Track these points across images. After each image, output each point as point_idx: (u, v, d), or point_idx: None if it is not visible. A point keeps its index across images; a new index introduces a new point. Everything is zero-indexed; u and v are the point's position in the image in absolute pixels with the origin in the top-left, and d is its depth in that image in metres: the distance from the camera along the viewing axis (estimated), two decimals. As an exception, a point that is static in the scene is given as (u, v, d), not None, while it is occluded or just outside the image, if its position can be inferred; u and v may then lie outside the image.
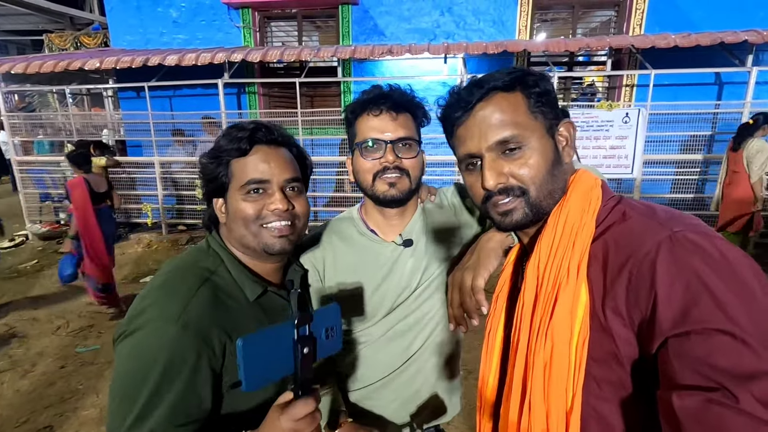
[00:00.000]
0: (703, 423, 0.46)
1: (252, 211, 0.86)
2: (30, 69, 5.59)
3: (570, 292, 0.61)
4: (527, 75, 0.68)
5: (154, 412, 0.73)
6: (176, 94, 6.38)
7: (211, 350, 0.78)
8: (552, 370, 0.61)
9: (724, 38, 4.63)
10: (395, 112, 0.97)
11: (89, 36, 9.41)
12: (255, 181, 0.86)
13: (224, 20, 6.30)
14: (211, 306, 0.81)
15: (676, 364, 0.50)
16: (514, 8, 5.84)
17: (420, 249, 1.05)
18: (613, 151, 5.13)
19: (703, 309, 0.49)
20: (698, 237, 0.54)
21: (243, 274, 0.89)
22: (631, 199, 0.68)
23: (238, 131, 0.88)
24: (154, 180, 6.03)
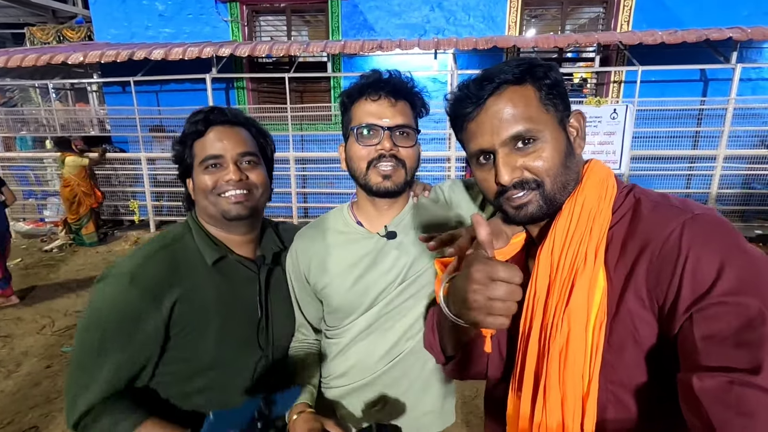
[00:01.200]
0: (725, 404, 0.46)
1: (210, 182, 0.97)
2: (11, 63, 5.46)
3: (587, 277, 0.61)
4: (536, 66, 0.67)
5: (102, 359, 0.88)
6: (163, 89, 6.29)
7: (157, 306, 0.90)
8: (568, 355, 0.61)
9: (709, 35, 4.70)
10: (394, 98, 0.93)
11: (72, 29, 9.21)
12: (210, 157, 0.97)
13: (212, 14, 6.21)
14: (165, 267, 0.93)
15: (699, 342, 0.50)
16: (503, 4, 5.85)
17: (406, 243, 1.00)
18: (602, 147, 5.18)
19: (729, 281, 0.50)
20: (717, 218, 0.57)
21: (203, 240, 1.00)
22: (642, 187, 0.69)
23: (196, 115, 0.99)
24: (141, 176, 5.95)
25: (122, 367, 0.88)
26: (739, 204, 5.45)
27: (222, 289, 0.97)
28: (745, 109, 5.30)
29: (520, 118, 0.65)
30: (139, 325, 0.88)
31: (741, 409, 0.45)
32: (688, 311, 0.52)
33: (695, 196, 5.53)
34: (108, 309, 0.89)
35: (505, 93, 0.66)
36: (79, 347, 0.90)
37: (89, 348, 0.88)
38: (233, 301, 0.99)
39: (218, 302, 0.96)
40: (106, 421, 0.86)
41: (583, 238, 0.64)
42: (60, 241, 5.68)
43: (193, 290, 0.94)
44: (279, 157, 6.16)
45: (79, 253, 5.45)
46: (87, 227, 5.62)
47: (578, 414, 0.60)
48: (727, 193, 5.44)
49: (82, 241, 5.61)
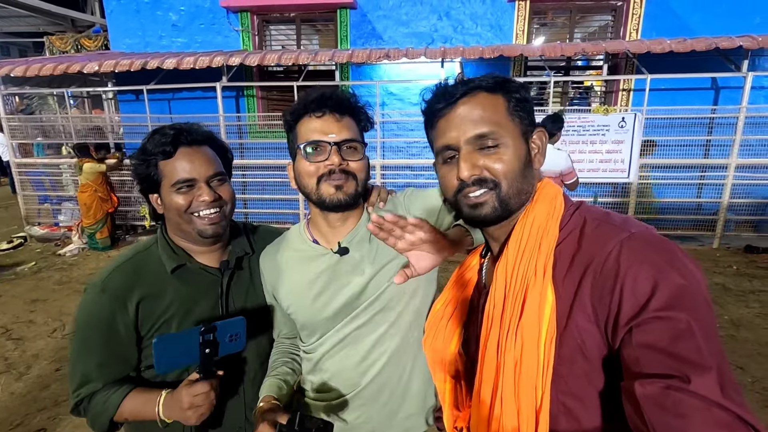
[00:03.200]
0: (662, 407, 0.50)
1: (183, 203, 1.01)
2: (29, 72, 5.63)
3: (537, 292, 0.64)
4: (510, 82, 0.73)
5: (85, 355, 1.02)
6: (175, 97, 6.42)
7: (124, 310, 1.01)
8: (522, 368, 0.64)
9: (719, 44, 4.65)
10: (339, 113, 0.94)
11: (90, 38, 9.46)
12: (182, 181, 1.01)
13: (223, 24, 6.34)
14: (129, 275, 1.03)
15: (638, 352, 0.54)
16: (511, 13, 5.87)
17: (360, 258, 1.00)
18: (610, 155, 5.15)
19: (663, 297, 0.54)
20: (652, 236, 0.61)
21: (164, 250, 1.07)
22: (588, 204, 0.73)
23: (161, 136, 1.01)
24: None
25: (104, 363, 1.02)
26: (752, 214, 5.35)
27: (182, 293, 1.05)
28: (757, 118, 5.23)
29: (487, 121, 0.70)
30: (111, 326, 1.01)
31: (677, 411, 0.49)
32: (628, 325, 0.56)
33: (706, 206, 5.45)
34: (86, 315, 1.02)
35: (477, 97, 0.71)
36: (71, 348, 1.05)
37: (77, 349, 1.03)
38: (193, 305, 1.06)
39: (177, 306, 1.04)
40: (99, 399, 1.00)
41: (533, 253, 0.67)
42: (74, 245, 5.81)
43: (154, 294, 1.03)
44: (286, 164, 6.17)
45: (91, 258, 5.57)
46: (102, 231, 5.75)
47: (532, 424, 0.63)
48: (739, 203, 5.35)
49: (96, 245, 5.73)
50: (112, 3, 6.50)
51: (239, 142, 6.30)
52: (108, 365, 1.02)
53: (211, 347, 0.90)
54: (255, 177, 6.13)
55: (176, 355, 0.88)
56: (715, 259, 5.00)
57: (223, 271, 1.10)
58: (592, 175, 5.24)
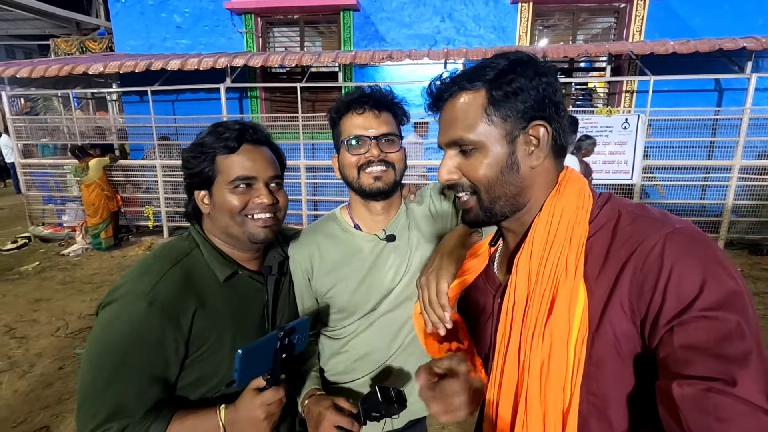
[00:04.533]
0: (702, 410, 0.47)
1: (238, 203, 0.94)
2: (35, 73, 5.67)
3: (568, 290, 0.61)
4: (499, 70, 0.65)
5: (120, 382, 0.83)
6: (179, 99, 6.45)
7: (176, 326, 0.87)
8: (550, 369, 0.61)
9: (722, 45, 4.65)
10: (378, 110, 1.02)
11: (95, 41, 9.53)
12: (242, 178, 0.94)
13: (227, 26, 6.37)
14: (179, 285, 0.90)
15: (679, 352, 0.51)
16: (514, 15, 5.88)
17: (403, 245, 1.08)
18: (613, 157, 5.14)
19: (711, 297, 0.51)
20: (697, 232, 0.58)
21: (214, 257, 0.97)
22: (619, 197, 0.69)
23: (225, 130, 0.95)
24: (156, 183, 6.08)
25: (145, 390, 0.85)
26: (756, 216, 5.33)
27: (233, 304, 0.97)
28: (761, 119, 5.21)
29: (461, 127, 0.67)
30: (160, 346, 0.86)
31: (718, 415, 0.46)
32: (670, 324, 0.53)
33: (710, 207, 5.43)
34: (125, 334, 0.84)
35: (456, 98, 0.68)
36: (89, 373, 0.84)
37: (108, 375, 0.83)
38: (244, 315, 0.99)
39: (231, 317, 0.96)
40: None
41: (563, 248, 0.63)
42: (77, 245, 5.83)
43: (207, 307, 0.92)
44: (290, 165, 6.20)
45: (94, 258, 5.58)
46: (106, 231, 5.77)
47: (559, 427, 0.60)
48: (743, 204, 5.33)
49: (100, 245, 5.75)
50: (117, 5, 6.55)
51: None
52: (148, 392, 0.86)
53: (288, 351, 0.84)
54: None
55: (257, 365, 0.81)
56: (720, 261, 4.97)
57: (267, 278, 1.05)
58: (595, 176, 5.23)
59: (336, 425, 0.89)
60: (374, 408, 0.87)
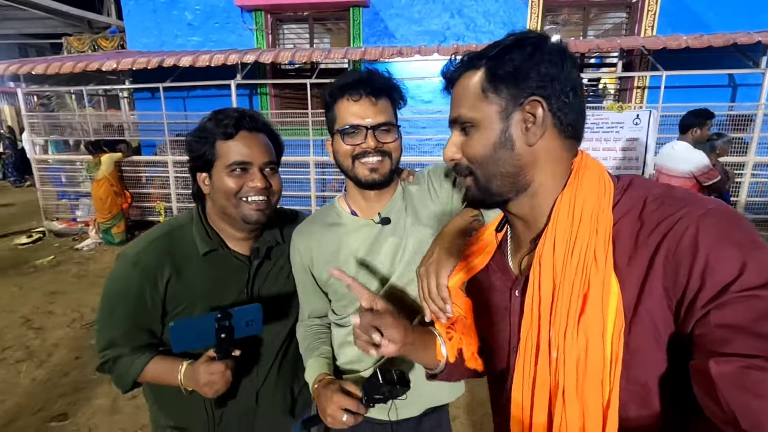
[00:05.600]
0: (741, 387, 0.47)
1: (234, 186, 1.03)
2: (50, 70, 5.75)
3: (599, 282, 0.59)
4: (498, 49, 0.65)
5: (112, 322, 1.07)
6: (190, 95, 6.51)
7: (153, 285, 1.04)
8: (587, 365, 0.59)
9: (737, 39, 4.59)
10: (374, 97, 0.98)
11: (106, 39, 9.63)
12: (238, 163, 1.02)
13: (237, 23, 6.41)
14: (161, 252, 1.05)
15: (716, 331, 0.50)
16: (524, 11, 5.85)
17: (400, 228, 1.06)
18: (624, 153, 5.10)
19: (750, 278, 0.50)
20: (731, 212, 0.56)
21: (199, 233, 1.09)
22: (641, 179, 0.66)
23: (225, 117, 1.03)
24: (168, 179, 6.15)
25: (130, 332, 1.07)
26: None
27: (210, 276, 1.08)
28: (776, 115, 5.14)
29: (459, 105, 0.69)
30: (139, 300, 1.04)
31: (758, 391, 0.46)
32: (707, 306, 0.52)
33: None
34: (115, 286, 1.06)
35: (462, 78, 0.70)
36: (98, 312, 1.10)
37: (105, 315, 1.08)
38: (220, 289, 1.09)
39: (205, 288, 1.07)
40: (125, 361, 1.07)
41: (590, 239, 0.61)
42: (90, 240, 5.92)
43: (182, 275, 1.06)
44: (299, 161, 6.35)
45: (108, 252, 5.67)
46: (118, 226, 5.86)
47: (599, 423, 0.59)
48: (757, 202, 5.27)
49: (111, 240, 5.83)
50: (130, 3, 6.62)
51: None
52: (133, 334, 1.07)
53: (227, 332, 0.95)
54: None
55: (192, 339, 0.94)
56: (732, 258, 4.92)
57: (253, 259, 1.13)
58: (606, 172, 5.20)
59: (343, 407, 0.90)
60: (376, 390, 0.88)
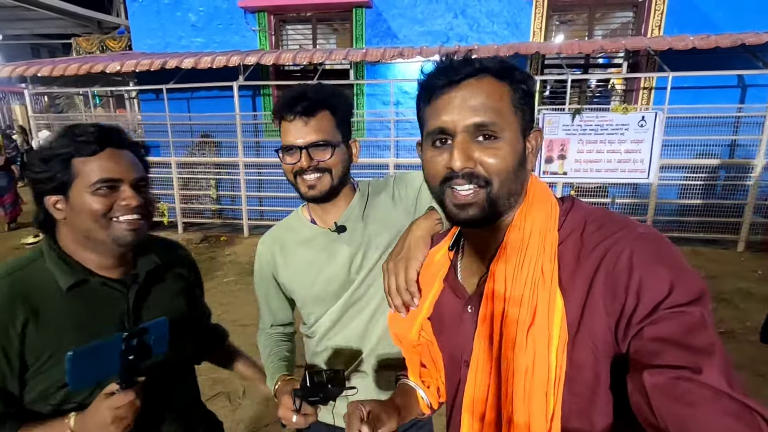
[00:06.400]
0: (672, 397, 0.50)
1: (101, 206, 0.90)
2: (55, 72, 5.82)
3: (546, 297, 0.62)
4: (517, 70, 0.67)
5: None
6: (193, 96, 6.54)
7: (4, 337, 0.86)
8: (534, 376, 0.61)
9: (745, 40, 4.49)
10: (307, 116, 0.99)
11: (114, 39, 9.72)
12: (105, 180, 0.90)
13: (240, 24, 6.43)
14: (10, 295, 0.88)
15: (649, 345, 0.54)
16: (528, 11, 5.78)
17: (357, 236, 1.08)
18: (629, 155, 5.02)
19: (679, 295, 0.55)
20: (659, 236, 0.61)
21: (57, 265, 0.93)
22: (580, 201, 0.70)
23: (83, 133, 0.92)
24: (171, 180, 6.20)
25: None
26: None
27: (79, 313, 0.93)
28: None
29: (490, 110, 0.63)
30: None
31: (686, 401, 0.50)
32: (642, 322, 0.55)
33: (731, 207, 5.26)
34: None
35: (483, 81, 0.65)
36: None
37: None
38: (93, 325, 0.93)
39: (74, 327, 0.92)
40: None
41: (538, 255, 0.64)
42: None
43: (42, 317, 0.89)
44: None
45: (111, 252, 5.73)
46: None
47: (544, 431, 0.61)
48: (766, 205, 5.15)
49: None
50: (135, 4, 6.67)
51: (255, 141, 6.38)
52: None
53: (136, 353, 0.83)
54: (270, 175, 6.20)
55: (95, 370, 0.79)
56: (740, 263, 4.82)
57: (130, 286, 0.99)
58: (610, 175, 5.13)
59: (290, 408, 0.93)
60: (309, 393, 0.89)
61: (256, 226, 6.37)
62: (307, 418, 0.94)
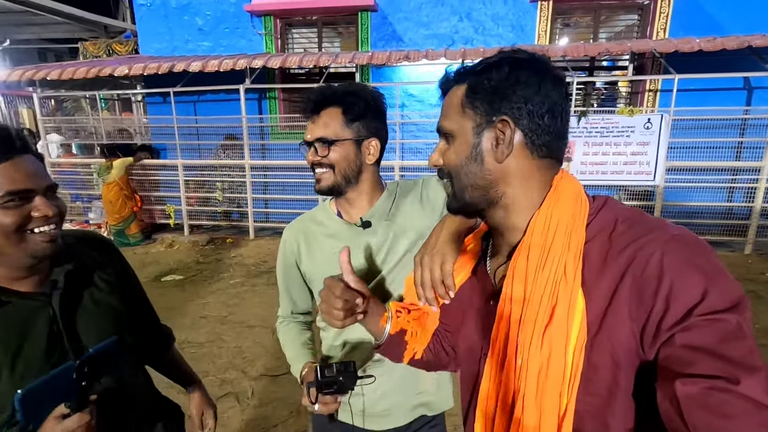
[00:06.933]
0: (706, 408, 0.48)
1: (12, 220, 0.83)
2: (64, 75, 5.87)
3: (567, 296, 0.61)
4: (478, 68, 0.69)
5: None
6: (200, 99, 6.59)
7: None
8: (548, 375, 0.61)
9: (752, 42, 4.49)
10: (315, 113, 1.06)
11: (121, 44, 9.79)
12: (17, 192, 0.83)
13: (247, 28, 6.48)
14: None
15: (681, 353, 0.52)
16: (533, 14, 5.80)
17: (381, 232, 1.10)
18: (635, 158, 5.02)
19: (712, 301, 0.52)
20: (694, 239, 0.59)
21: None
22: (614, 200, 0.68)
23: None
24: (178, 182, 6.23)
25: None
26: (787, 219, 5.13)
27: (2, 335, 0.85)
28: (793, 119, 5.01)
29: (443, 116, 0.73)
30: None
31: (722, 412, 0.48)
32: (673, 329, 0.53)
33: (737, 210, 5.25)
34: None
35: (451, 90, 0.73)
36: None
37: None
38: (21, 342, 0.87)
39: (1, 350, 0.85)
40: None
41: (562, 253, 0.63)
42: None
43: None
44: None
45: (118, 254, 5.76)
46: (130, 228, 5.97)
47: (554, 430, 0.61)
48: (774, 208, 5.14)
49: (127, 241, 5.94)
50: (142, 9, 6.74)
51: (261, 143, 6.42)
52: None
53: (89, 378, 0.79)
54: (276, 177, 6.23)
55: (48, 402, 0.76)
56: (747, 266, 4.80)
57: (51, 294, 0.91)
58: (616, 177, 5.12)
59: None
60: (322, 385, 0.92)
61: (262, 228, 6.39)
62: (329, 407, 0.96)
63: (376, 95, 1.10)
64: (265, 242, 6.05)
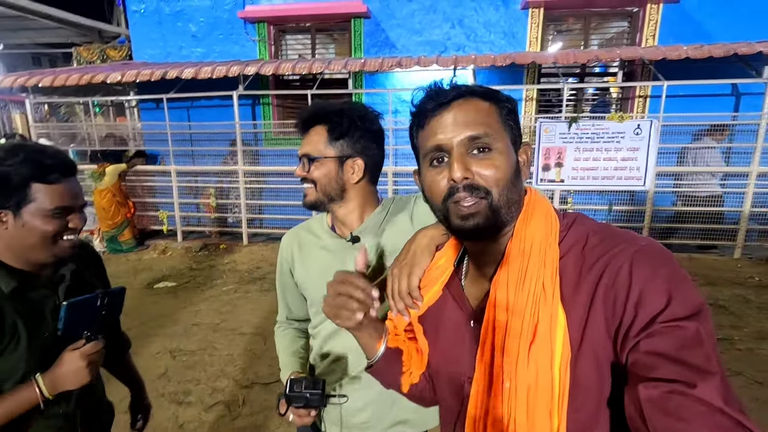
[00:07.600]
0: (665, 411, 0.51)
1: (53, 229, 1.02)
2: (57, 82, 5.87)
3: (548, 313, 0.62)
4: (499, 93, 0.73)
5: None
6: (193, 106, 6.59)
7: None
8: (538, 395, 0.61)
9: (737, 50, 4.56)
10: (304, 131, 1.11)
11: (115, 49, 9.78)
12: (63, 207, 1.02)
13: (240, 34, 6.50)
14: None
15: (645, 358, 0.55)
16: (524, 21, 5.86)
17: (370, 247, 1.11)
18: (625, 163, 5.06)
19: (675, 309, 0.55)
20: (660, 250, 0.61)
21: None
22: (583, 217, 0.71)
23: (46, 158, 1.00)
24: (171, 188, 6.23)
25: None
26: (775, 224, 5.19)
27: (24, 311, 1.03)
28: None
29: (481, 123, 0.68)
30: None
31: (680, 415, 0.50)
32: (639, 335, 0.56)
33: (727, 215, 5.30)
34: None
35: (471, 101, 0.70)
36: None
37: None
38: (39, 319, 1.05)
39: (20, 324, 1.02)
40: None
41: (539, 271, 0.64)
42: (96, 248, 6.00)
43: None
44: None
45: (112, 260, 5.74)
46: (123, 234, 5.95)
47: None
48: (762, 212, 5.20)
49: (120, 248, 5.93)
50: (136, 15, 6.74)
51: (255, 149, 6.42)
52: None
53: (106, 310, 1.07)
54: (270, 183, 6.23)
55: (80, 321, 1.01)
56: (737, 270, 4.85)
57: (58, 285, 1.11)
58: (607, 183, 5.16)
59: None
60: (291, 399, 0.96)
61: (255, 234, 6.39)
62: (303, 419, 0.98)
63: (367, 115, 1.10)
64: (258, 248, 6.04)
